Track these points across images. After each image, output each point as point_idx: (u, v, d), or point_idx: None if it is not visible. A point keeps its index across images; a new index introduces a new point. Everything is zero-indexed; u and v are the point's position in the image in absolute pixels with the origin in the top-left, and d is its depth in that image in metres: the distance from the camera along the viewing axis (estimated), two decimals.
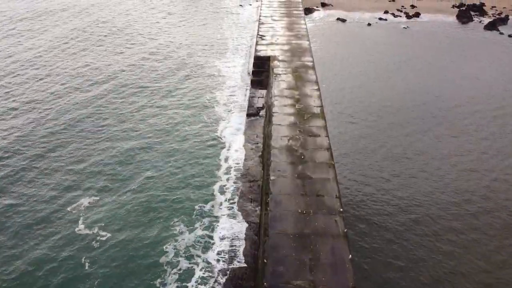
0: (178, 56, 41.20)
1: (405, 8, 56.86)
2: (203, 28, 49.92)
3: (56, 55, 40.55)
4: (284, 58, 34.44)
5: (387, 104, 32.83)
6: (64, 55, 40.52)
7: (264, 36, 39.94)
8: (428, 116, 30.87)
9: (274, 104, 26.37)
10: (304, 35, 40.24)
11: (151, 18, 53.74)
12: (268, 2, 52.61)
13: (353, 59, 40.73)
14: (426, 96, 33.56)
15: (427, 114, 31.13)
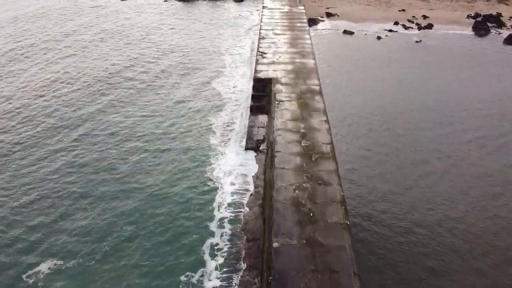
0: (171, 75, 38.19)
1: (417, 19, 53.80)
2: (200, 42, 46.92)
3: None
4: (287, 80, 31.32)
5: (404, 133, 29.74)
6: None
7: (264, 53, 36.84)
8: (451, 152, 27.77)
9: (277, 140, 23.20)
10: (309, 52, 37.13)
11: (144, 32, 50.83)
12: (269, 13, 49.57)
13: (363, 80, 37.60)
14: (449, 127, 30.39)
15: (450, 149, 28.02)
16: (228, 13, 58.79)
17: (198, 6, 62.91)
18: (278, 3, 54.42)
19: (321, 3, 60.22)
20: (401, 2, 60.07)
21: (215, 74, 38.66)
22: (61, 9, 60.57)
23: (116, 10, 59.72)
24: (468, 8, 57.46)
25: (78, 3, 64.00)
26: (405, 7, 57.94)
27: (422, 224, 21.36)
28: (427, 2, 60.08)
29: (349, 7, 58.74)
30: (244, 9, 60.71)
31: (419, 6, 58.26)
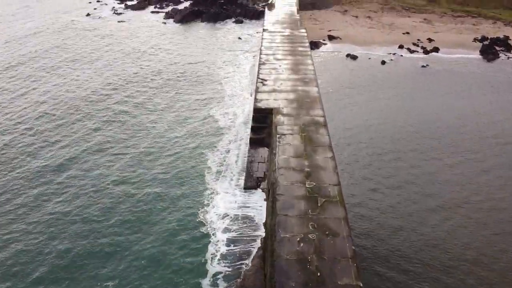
0: (167, 103, 36.58)
1: (422, 42, 52.61)
2: (198, 67, 45.52)
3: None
4: (289, 110, 29.64)
5: (414, 163, 27.98)
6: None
7: (265, 80, 35.29)
8: (465, 183, 25.99)
9: (279, 181, 21.31)
10: (312, 79, 35.58)
11: (140, 56, 49.53)
12: (269, 36, 48.33)
13: (369, 108, 35.96)
14: (461, 156, 28.62)
15: (463, 180, 26.21)
16: (227, 35, 57.65)
17: (197, 28, 61.87)
18: (279, 26, 53.33)
19: (323, 26, 59.21)
20: (404, 24, 59.07)
21: (213, 102, 37.09)
22: (54, 32, 59.66)
23: (111, 33, 58.60)
24: (474, 31, 56.37)
25: (73, 25, 63.25)
26: (409, 29, 56.88)
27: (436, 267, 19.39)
28: (431, 24, 59.08)
29: (352, 29, 57.67)
30: (244, 31, 59.64)
31: (423, 29, 57.20)
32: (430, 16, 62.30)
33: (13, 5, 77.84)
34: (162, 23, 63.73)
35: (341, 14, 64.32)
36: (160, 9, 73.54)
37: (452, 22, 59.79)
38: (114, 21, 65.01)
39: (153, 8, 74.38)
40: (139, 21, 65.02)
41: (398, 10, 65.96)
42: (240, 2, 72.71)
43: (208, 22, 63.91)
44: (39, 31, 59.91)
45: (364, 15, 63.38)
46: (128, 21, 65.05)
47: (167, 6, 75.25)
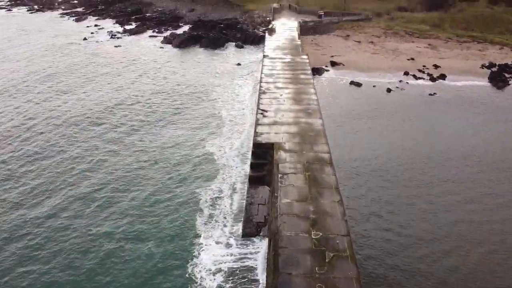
0: (161, 134, 34.83)
1: (428, 68, 51.28)
2: (195, 95, 43.99)
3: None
4: (292, 146, 27.81)
5: (427, 208, 25.93)
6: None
7: (265, 111, 33.61)
8: (479, 223, 23.99)
9: (281, 231, 19.27)
10: (315, 109, 33.90)
11: (135, 83, 48.15)
12: (270, 63, 47.01)
13: (376, 142, 34.06)
14: (474, 191, 26.68)
15: (475, 225, 24.17)
16: (226, 61, 56.42)
17: (195, 53, 60.78)
18: (280, 52, 52.13)
19: (324, 51, 58.09)
20: (409, 50, 57.97)
21: (209, 133, 35.29)
22: (47, 56, 58.50)
23: (106, 58, 57.33)
24: (481, 57, 55.18)
25: (68, 50, 62.13)
26: (414, 55, 55.69)
27: None
28: (436, 50, 57.97)
29: (355, 55, 56.51)
30: (244, 57, 58.47)
31: (428, 55, 56.03)
32: (435, 42, 61.29)
33: (10, 29, 77.28)
34: (160, 48, 62.72)
35: (343, 39, 63.35)
36: (158, 33, 72.81)
37: (458, 48, 58.68)
38: (111, 46, 64.05)
39: (151, 33, 73.68)
40: (136, 46, 64.09)
41: (401, 35, 65.03)
42: (240, 27, 72.01)
43: (207, 47, 62.89)
44: (31, 56, 58.78)
45: (367, 40, 62.37)
46: (125, 46, 64.08)
47: (165, 31, 74.58)
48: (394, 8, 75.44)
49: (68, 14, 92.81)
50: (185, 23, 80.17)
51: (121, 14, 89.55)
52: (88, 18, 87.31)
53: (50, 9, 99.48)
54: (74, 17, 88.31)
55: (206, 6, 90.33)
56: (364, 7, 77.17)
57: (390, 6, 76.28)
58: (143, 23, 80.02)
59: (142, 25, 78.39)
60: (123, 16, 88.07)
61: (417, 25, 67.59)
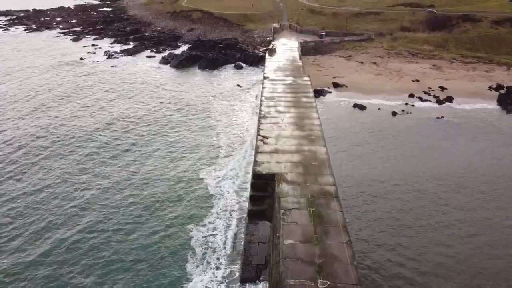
0: (153, 164, 33.01)
1: (433, 90, 49.86)
2: (191, 119, 42.40)
3: None
4: (294, 177, 26.03)
5: (442, 251, 23.90)
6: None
7: (266, 137, 31.91)
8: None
9: (284, 279, 17.31)
10: (318, 136, 32.20)
11: (130, 105, 46.66)
12: (270, 85, 45.57)
13: (383, 170, 32.29)
14: (499, 241, 24.69)
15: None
16: (225, 82, 55.04)
17: (193, 74, 59.47)
18: (281, 73, 50.78)
19: (327, 72, 56.80)
20: (413, 71, 56.70)
21: (204, 161, 33.46)
22: (40, 75, 57.22)
23: (101, 78, 56.00)
24: (488, 78, 53.84)
25: (64, 70, 60.84)
26: (419, 76, 54.38)
27: None
28: (441, 71, 56.70)
29: (358, 76, 55.19)
30: (243, 78, 57.16)
31: (433, 76, 54.71)
32: (439, 62, 60.11)
33: (5, 49, 76.35)
34: (157, 68, 61.55)
35: (346, 60, 62.20)
36: (156, 53, 71.80)
37: (464, 69, 57.44)
38: (107, 66, 62.90)
39: (149, 52, 72.68)
40: (133, 66, 62.94)
41: (404, 55, 63.93)
42: (239, 47, 71.01)
43: (206, 68, 61.66)
44: (24, 76, 57.43)
45: (369, 61, 61.21)
46: (122, 66, 62.96)
47: (164, 51, 73.62)
48: (396, 28, 74.60)
49: (66, 33, 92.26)
50: (184, 43, 79.32)
51: (120, 34, 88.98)
52: (86, 38, 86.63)
53: (48, 28, 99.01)
54: (72, 37, 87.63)
55: (205, 26, 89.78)
56: (366, 27, 76.39)
57: (392, 26, 75.47)
58: (141, 43, 79.18)
59: (140, 45, 77.51)
60: (121, 35, 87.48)
61: (421, 45, 66.59)
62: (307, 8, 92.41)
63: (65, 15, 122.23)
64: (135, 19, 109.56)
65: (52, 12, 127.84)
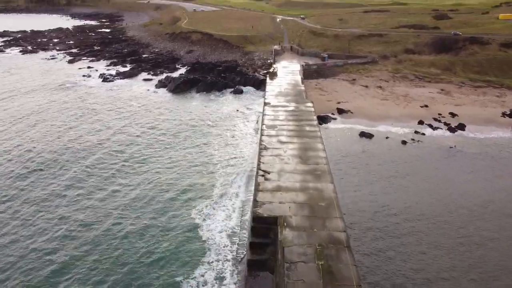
0: (143, 207, 30.05)
1: (444, 117, 47.57)
2: (186, 153, 39.37)
3: None
4: (299, 221, 23.38)
5: None
6: None
7: (267, 172, 29.34)
8: None
9: None
10: (325, 171, 29.63)
11: (119, 135, 44.25)
12: (272, 112, 43.25)
13: (398, 212, 29.56)
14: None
15: None
16: (224, 108, 52.74)
17: (191, 98, 57.20)
18: (282, 99, 48.55)
19: (330, 96, 54.67)
20: (421, 95, 54.58)
21: (197, 201, 30.51)
22: (30, 100, 54.95)
23: (93, 104, 53.55)
24: (500, 104, 51.67)
25: (55, 93, 58.57)
26: (427, 102, 52.21)
27: None
28: (450, 96, 54.60)
29: (363, 101, 53.01)
30: (243, 103, 54.91)
31: (443, 101, 52.54)
32: (448, 86, 58.04)
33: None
34: (153, 92, 59.41)
35: (350, 83, 60.20)
36: (153, 76, 69.90)
37: (473, 93, 55.33)
38: (102, 90, 60.87)
39: (146, 75, 70.80)
40: (129, 90, 60.83)
41: (410, 79, 61.97)
42: (239, 70, 69.17)
43: (204, 92, 59.57)
44: (12, 100, 55.18)
45: (374, 85, 59.20)
46: (117, 90, 60.88)
47: (161, 73, 71.75)
48: (400, 50, 72.94)
49: (62, 54, 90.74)
50: (182, 65, 77.60)
51: (117, 56, 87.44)
52: (82, 60, 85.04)
53: (44, 50, 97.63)
54: (68, 58, 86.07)
55: (204, 48, 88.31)
56: (369, 50, 74.76)
57: (396, 48, 73.84)
58: (139, 65, 77.44)
59: (137, 67, 75.74)
60: (118, 57, 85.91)
61: (427, 69, 64.71)
62: (308, 30, 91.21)
63: (62, 36, 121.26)
64: (134, 40, 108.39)
65: (49, 33, 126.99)
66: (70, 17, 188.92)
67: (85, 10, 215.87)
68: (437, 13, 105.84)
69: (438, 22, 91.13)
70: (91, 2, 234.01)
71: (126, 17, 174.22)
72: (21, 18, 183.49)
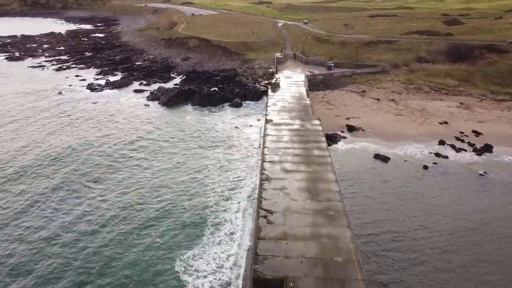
0: (129, 246, 25.75)
1: (467, 136, 42.99)
2: (177, 180, 34.68)
3: None
4: (312, 284, 18.73)
5: None
6: None
7: (270, 212, 24.74)
8: None
9: None
10: (339, 210, 25.03)
11: (100, 163, 39.63)
12: (274, 131, 38.72)
13: (425, 257, 24.98)
14: None
15: None
16: (221, 124, 48.06)
17: (185, 113, 52.53)
18: (286, 115, 43.96)
19: (339, 111, 50.09)
20: (439, 110, 49.99)
21: (188, 246, 25.80)
22: (6, 116, 50.32)
23: (73, 119, 48.94)
24: None
25: (36, 107, 53.69)
26: (446, 117, 47.60)
27: None
28: (471, 111, 49.99)
29: (375, 116, 48.41)
30: (242, 119, 50.12)
31: (463, 117, 47.95)
32: (467, 100, 53.50)
33: None
34: (144, 106, 54.77)
35: (359, 96, 55.64)
36: (145, 86, 65.35)
37: (497, 108, 50.77)
38: (87, 102, 56.28)
39: (137, 85, 66.23)
40: (117, 103, 56.20)
41: (425, 90, 57.43)
42: (238, 79, 64.65)
43: (200, 105, 55.04)
44: None
45: (386, 97, 54.65)
46: (104, 102, 56.26)
47: (154, 83, 67.22)
48: (412, 59, 68.40)
49: (50, 62, 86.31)
50: (178, 74, 73.08)
51: (108, 63, 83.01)
52: (71, 68, 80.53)
53: (31, 56, 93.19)
54: (56, 66, 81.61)
55: (202, 55, 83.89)
56: (379, 58, 70.29)
57: (407, 56, 69.33)
58: (130, 74, 72.93)
59: (129, 76, 71.22)
60: (109, 65, 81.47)
61: (443, 79, 60.17)
62: (312, 36, 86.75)
63: (53, 41, 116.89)
64: (128, 46, 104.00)
65: (40, 38, 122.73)
66: (64, 21, 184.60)
67: (81, 13, 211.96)
68: (448, 18, 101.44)
69: (450, 27, 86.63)
70: (87, 5, 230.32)
71: (122, 21, 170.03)
72: (13, 22, 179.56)
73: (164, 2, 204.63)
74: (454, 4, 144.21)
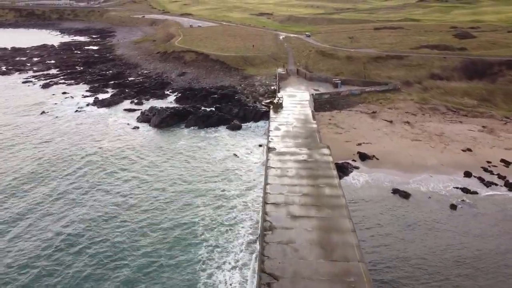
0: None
1: (495, 166, 38.53)
2: (168, 220, 30.30)
3: None
4: None
5: None
6: None
7: (276, 279, 20.02)
8: None
9: None
10: (359, 275, 20.42)
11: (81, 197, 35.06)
12: (278, 162, 34.25)
13: None
14: None
15: None
16: (217, 151, 43.40)
17: (178, 136, 48.09)
18: (291, 142, 39.56)
19: (348, 136, 45.60)
20: (459, 135, 45.49)
21: None
22: None
23: (58, 145, 44.26)
24: None
25: (13, 130, 48.95)
26: (469, 143, 43.11)
27: None
28: (496, 135, 45.51)
29: (389, 142, 43.91)
30: (241, 143, 45.57)
31: (488, 143, 43.44)
32: (490, 122, 49.10)
33: None
34: (133, 128, 50.29)
35: (370, 117, 51.21)
36: (137, 105, 61.04)
37: None
38: (71, 123, 51.88)
39: (128, 104, 61.92)
40: (104, 124, 51.70)
41: (442, 111, 53.07)
42: (238, 98, 60.35)
43: (195, 127, 50.62)
44: None
45: (400, 119, 50.23)
46: (90, 124, 51.78)
47: (146, 101, 62.88)
48: (425, 76, 64.17)
49: (37, 77, 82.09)
50: (173, 91, 68.73)
51: (99, 79, 78.78)
52: (59, 83, 76.20)
53: (18, 71, 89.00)
54: (42, 82, 77.31)
55: (199, 70, 79.71)
56: (388, 74, 66.07)
57: (420, 73, 65.14)
58: (122, 91, 68.59)
59: (120, 94, 66.88)
60: (100, 80, 77.22)
61: (460, 99, 55.90)
62: (316, 50, 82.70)
63: (44, 54, 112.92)
64: (121, 60, 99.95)
65: (31, 51, 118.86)
66: (59, 32, 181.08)
67: (77, 25, 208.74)
68: (458, 31, 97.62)
69: (462, 41, 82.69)
70: (83, 16, 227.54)
71: (119, 32, 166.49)
72: (6, 33, 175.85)
73: (162, 14, 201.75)
74: (461, 16, 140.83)
